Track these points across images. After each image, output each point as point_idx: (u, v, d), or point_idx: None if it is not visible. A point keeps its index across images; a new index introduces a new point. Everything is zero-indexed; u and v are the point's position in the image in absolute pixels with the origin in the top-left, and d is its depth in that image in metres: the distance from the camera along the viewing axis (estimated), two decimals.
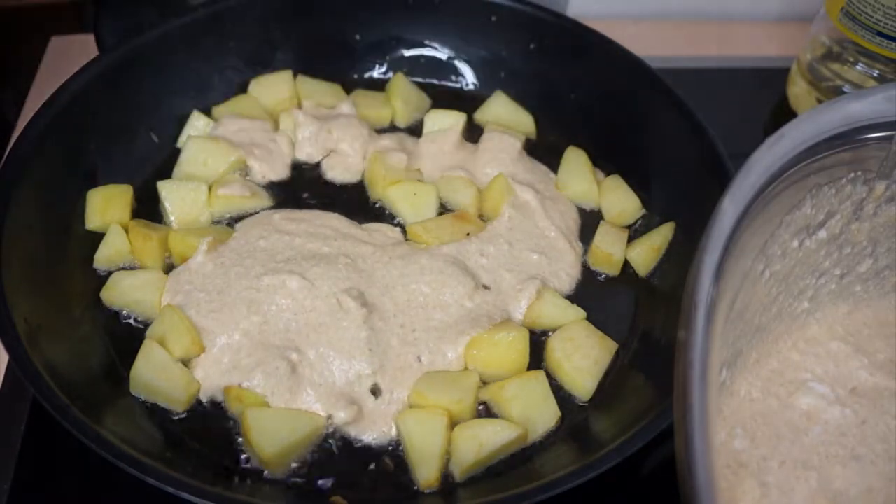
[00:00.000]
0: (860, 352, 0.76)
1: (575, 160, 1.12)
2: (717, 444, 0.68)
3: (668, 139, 1.06)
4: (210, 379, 0.86)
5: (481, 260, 1.00)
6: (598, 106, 1.15)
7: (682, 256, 1.00)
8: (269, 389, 0.85)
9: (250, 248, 0.97)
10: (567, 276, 1.01)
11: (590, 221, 1.08)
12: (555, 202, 1.08)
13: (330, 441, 0.84)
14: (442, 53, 1.24)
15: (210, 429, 0.84)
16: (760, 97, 1.38)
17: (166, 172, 1.06)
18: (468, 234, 1.02)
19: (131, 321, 0.92)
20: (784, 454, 0.68)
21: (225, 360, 0.87)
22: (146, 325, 0.91)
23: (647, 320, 0.97)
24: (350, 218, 1.04)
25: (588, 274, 1.03)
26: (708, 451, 0.47)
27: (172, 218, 1.01)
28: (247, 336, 0.89)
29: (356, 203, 1.07)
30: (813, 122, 0.60)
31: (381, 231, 1.03)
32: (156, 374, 0.84)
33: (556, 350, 0.91)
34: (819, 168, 0.62)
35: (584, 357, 0.90)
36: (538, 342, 0.94)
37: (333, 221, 1.03)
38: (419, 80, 1.23)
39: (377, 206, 1.07)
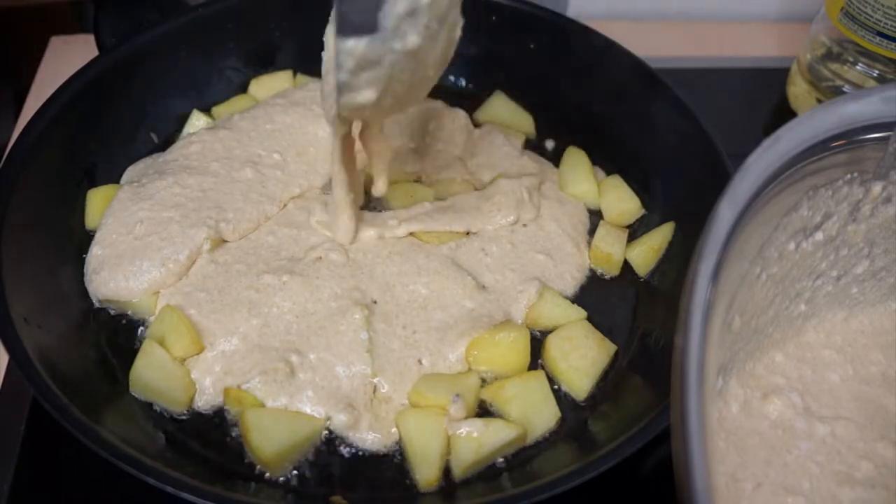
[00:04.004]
0: (852, 362, 0.76)
1: (575, 160, 1.12)
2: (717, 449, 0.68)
3: (668, 139, 1.06)
4: (210, 379, 0.86)
5: (485, 259, 0.99)
6: (598, 106, 1.15)
7: (681, 257, 1.00)
8: (268, 391, 0.85)
9: (254, 246, 0.97)
10: (572, 278, 1.01)
11: (590, 222, 1.08)
12: (563, 204, 1.08)
13: (329, 442, 0.84)
14: None
15: (209, 429, 0.84)
16: (760, 97, 1.38)
17: None
18: (468, 233, 1.02)
19: (131, 321, 0.92)
20: (760, 475, 0.68)
21: (225, 361, 0.87)
22: (146, 324, 0.91)
23: (646, 321, 0.97)
24: None
25: (588, 274, 1.03)
26: (705, 457, 0.47)
27: None
28: (247, 337, 0.89)
29: None
30: (809, 124, 0.60)
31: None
32: (156, 374, 0.84)
33: (554, 349, 0.91)
34: (816, 170, 0.62)
35: (581, 357, 0.90)
36: (539, 342, 0.94)
37: None
38: None
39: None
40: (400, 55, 0.70)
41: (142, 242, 0.93)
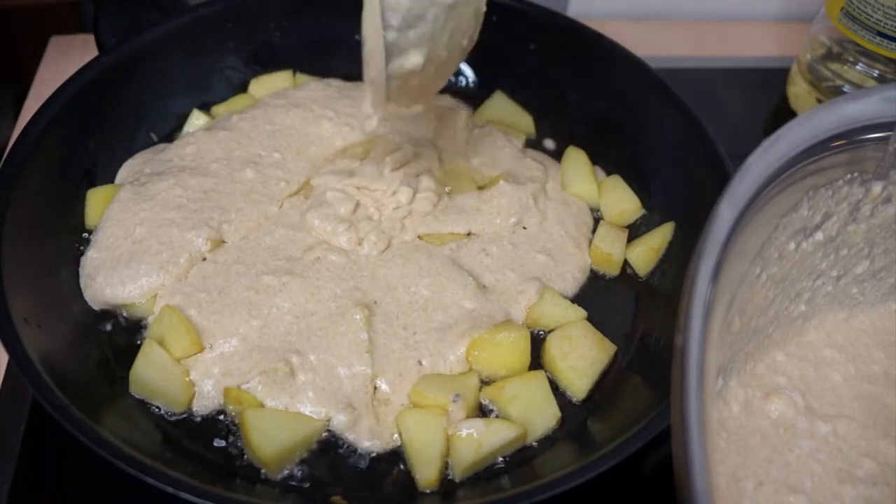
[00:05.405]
0: (854, 361, 0.76)
1: (575, 160, 1.12)
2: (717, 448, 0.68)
3: (668, 139, 1.06)
4: (209, 380, 0.86)
5: (486, 259, 0.99)
6: (598, 106, 1.15)
7: (681, 256, 1.00)
8: (268, 391, 0.85)
9: (253, 246, 0.97)
10: (573, 278, 1.01)
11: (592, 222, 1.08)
12: (567, 205, 1.08)
13: (329, 442, 0.84)
14: None
15: (209, 429, 0.84)
16: (760, 97, 1.38)
17: None
18: (469, 234, 1.02)
19: (131, 321, 0.92)
20: (762, 474, 0.68)
21: (225, 362, 0.87)
22: (146, 324, 0.91)
23: (646, 321, 0.97)
24: None
25: (588, 274, 1.03)
26: (705, 457, 0.47)
27: None
28: (247, 338, 0.89)
29: None
30: (809, 124, 0.59)
31: None
32: (155, 374, 0.84)
33: (554, 349, 0.91)
34: (816, 170, 0.62)
35: (580, 357, 0.90)
36: (539, 342, 0.94)
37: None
38: None
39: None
40: (441, 9, 0.75)
41: (140, 246, 0.93)
